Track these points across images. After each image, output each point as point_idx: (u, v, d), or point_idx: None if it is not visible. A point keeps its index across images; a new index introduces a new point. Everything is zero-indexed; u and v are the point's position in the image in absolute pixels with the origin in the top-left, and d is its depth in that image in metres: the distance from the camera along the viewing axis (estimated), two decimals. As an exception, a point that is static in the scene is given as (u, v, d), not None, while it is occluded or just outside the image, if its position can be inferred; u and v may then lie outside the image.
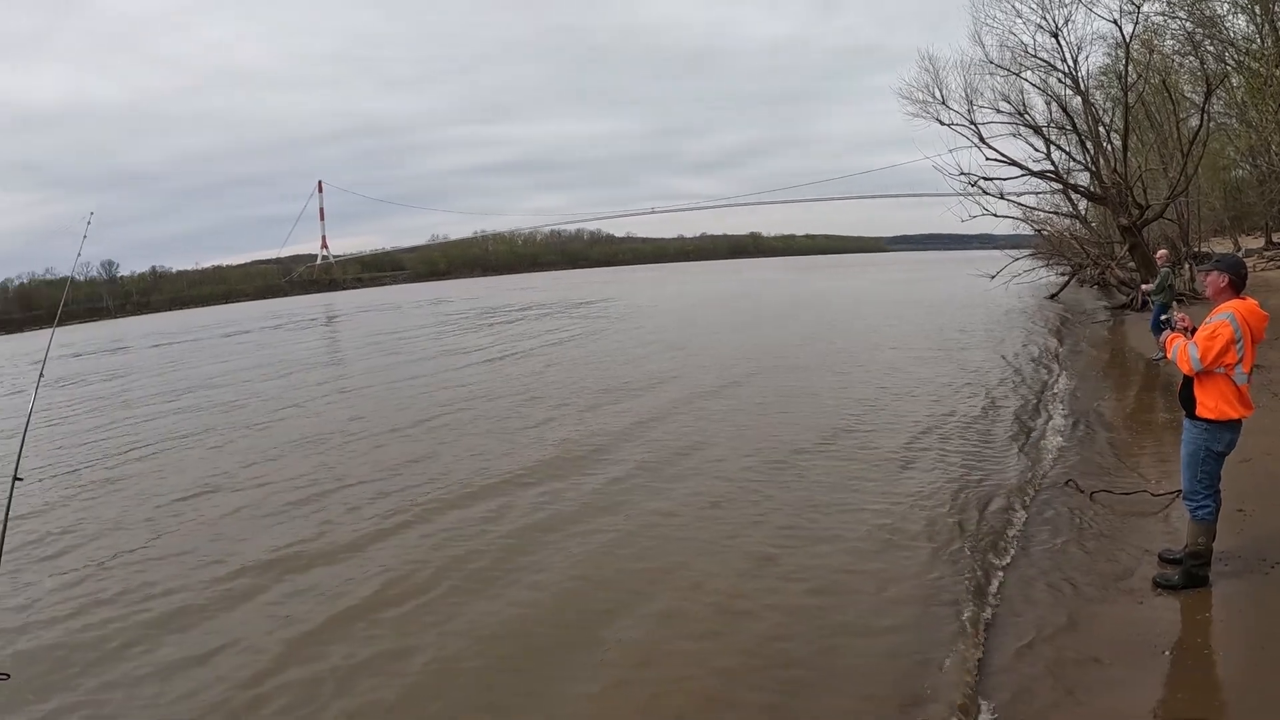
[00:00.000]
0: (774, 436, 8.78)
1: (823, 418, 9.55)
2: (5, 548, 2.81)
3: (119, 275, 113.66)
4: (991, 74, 22.08)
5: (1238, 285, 4.07)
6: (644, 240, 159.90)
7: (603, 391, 12.24)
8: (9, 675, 2.30)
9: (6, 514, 2.84)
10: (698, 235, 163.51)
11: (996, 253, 28.18)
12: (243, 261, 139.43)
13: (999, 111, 22.19)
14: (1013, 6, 21.04)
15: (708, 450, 8.42)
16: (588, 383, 13.17)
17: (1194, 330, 4.14)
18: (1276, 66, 19.66)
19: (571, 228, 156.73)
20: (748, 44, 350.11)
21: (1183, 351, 4.04)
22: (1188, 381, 4.13)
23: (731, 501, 6.64)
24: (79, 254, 4.83)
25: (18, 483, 3.13)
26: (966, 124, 22.15)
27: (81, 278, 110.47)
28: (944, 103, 22.30)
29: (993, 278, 26.16)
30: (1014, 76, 21.97)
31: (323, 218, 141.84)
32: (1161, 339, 4.26)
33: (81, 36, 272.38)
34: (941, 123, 22.55)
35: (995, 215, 23.69)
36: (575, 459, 8.34)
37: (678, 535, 5.99)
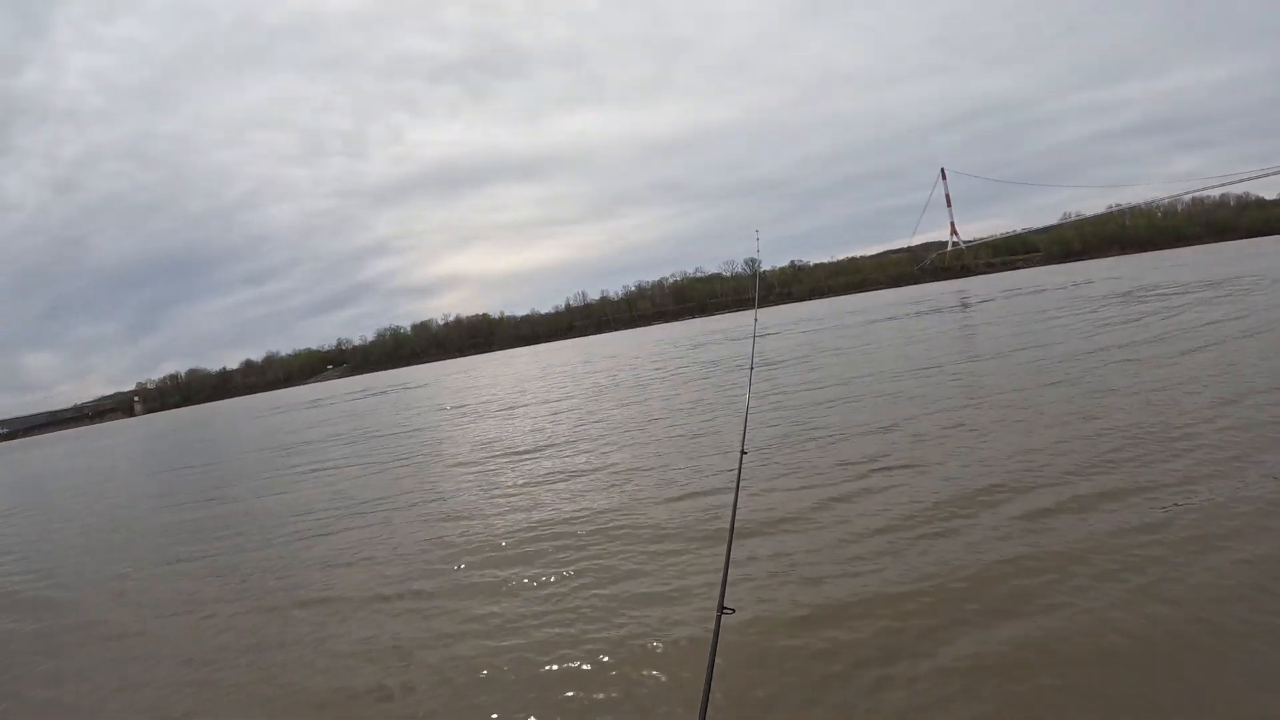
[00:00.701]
0: None
1: None
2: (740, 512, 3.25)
3: (762, 270, 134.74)
4: None
5: None
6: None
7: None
8: (734, 610, 2.57)
9: (738, 483, 3.50)
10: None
11: None
12: (874, 252, 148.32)
13: None
14: None
15: None
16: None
17: None
18: None
19: (1215, 193, 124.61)
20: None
21: None
22: None
23: None
24: (758, 256, 7.58)
25: (744, 456, 3.91)
26: None
27: (728, 274, 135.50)
28: None
29: None
30: None
31: (949, 204, 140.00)
32: None
33: (693, 71, 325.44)
34: None
35: None
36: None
37: None
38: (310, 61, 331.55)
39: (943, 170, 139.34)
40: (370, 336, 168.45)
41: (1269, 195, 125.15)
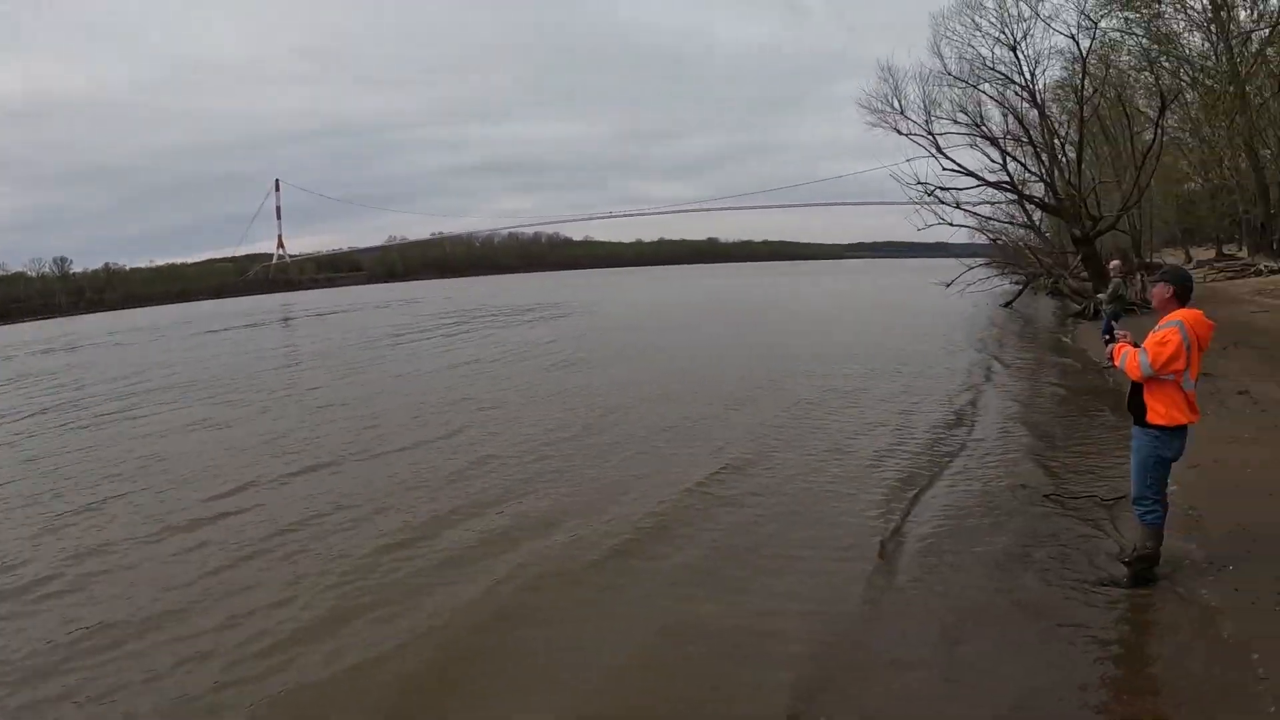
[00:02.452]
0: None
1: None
2: None
3: (72, 272, 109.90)
4: (950, 85, 22.46)
5: (1183, 296, 4.19)
6: (601, 244, 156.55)
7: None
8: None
9: None
10: (655, 240, 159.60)
11: (952, 261, 28.86)
12: (199, 260, 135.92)
13: (956, 122, 22.65)
14: (973, 20, 21.55)
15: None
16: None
17: (1136, 344, 4.22)
18: (1230, 84, 20.41)
19: (530, 231, 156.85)
20: (722, 49, 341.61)
21: (1132, 359, 4.10)
22: (1137, 389, 4.20)
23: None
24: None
25: None
26: (924, 134, 22.55)
27: (34, 274, 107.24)
28: (902, 113, 22.68)
29: (948, 285, 26.55)
30: (972, 88, 22.41)
31: (279, 217, 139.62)
32: (1108, 349, 4.38)
33: (55, 28, 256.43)
34: (900, 132, 22.89)
35: (951, 225, 24.18)
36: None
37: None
38: None
39: (277, 181, 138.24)
40: None
41: (576, 237, 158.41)
